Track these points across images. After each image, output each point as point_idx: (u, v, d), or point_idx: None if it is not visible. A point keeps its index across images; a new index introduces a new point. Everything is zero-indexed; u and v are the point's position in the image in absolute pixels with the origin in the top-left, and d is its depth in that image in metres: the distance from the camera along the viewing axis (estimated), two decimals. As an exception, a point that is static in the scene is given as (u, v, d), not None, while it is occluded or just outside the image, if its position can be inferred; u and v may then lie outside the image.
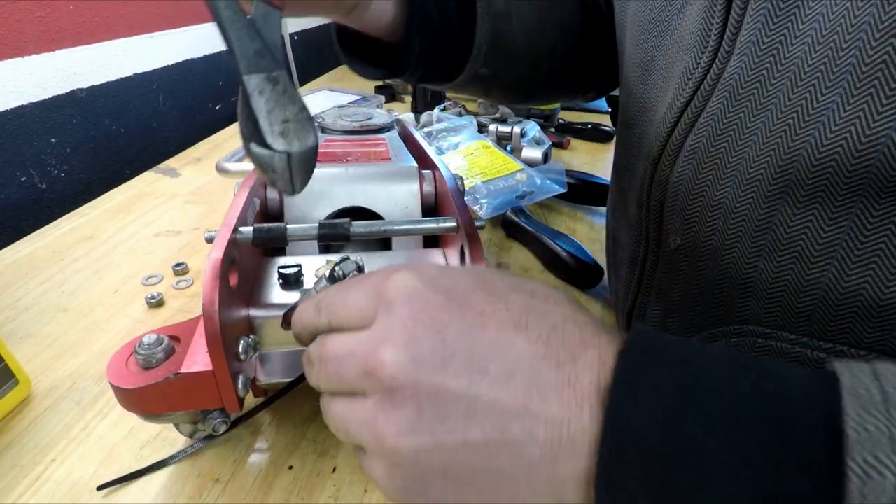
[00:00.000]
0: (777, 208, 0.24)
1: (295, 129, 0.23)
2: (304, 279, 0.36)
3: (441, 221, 0.35)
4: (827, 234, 0.22)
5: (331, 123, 0.56)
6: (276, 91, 0.22)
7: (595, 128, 0.97)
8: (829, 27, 0.21)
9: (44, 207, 0.70)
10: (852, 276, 0.22)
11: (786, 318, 0.25)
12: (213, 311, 0.27)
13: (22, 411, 0.38)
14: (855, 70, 0.20)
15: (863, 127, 0.20)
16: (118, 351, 0.32)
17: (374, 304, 0.20)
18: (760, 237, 0.25)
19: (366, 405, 0.19)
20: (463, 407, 0.18)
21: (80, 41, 0.73)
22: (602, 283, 0.55)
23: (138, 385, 0.29)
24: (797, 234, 0.23)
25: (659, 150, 0.29)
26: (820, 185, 0.22)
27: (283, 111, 0.23)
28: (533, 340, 0.18)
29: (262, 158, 0.23)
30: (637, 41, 0.33)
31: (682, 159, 0.28)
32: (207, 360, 0.29)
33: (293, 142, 0.23)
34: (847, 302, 0.22)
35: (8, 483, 0.33)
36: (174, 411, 0.31)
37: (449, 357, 0.18)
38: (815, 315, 0.23)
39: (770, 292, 0.25)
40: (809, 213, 0.23)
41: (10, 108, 0.65)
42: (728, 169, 0.26)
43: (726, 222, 0.26)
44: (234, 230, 0.31)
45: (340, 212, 0.42)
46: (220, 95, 1.05)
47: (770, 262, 0.24)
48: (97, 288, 0.52)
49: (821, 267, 0.23)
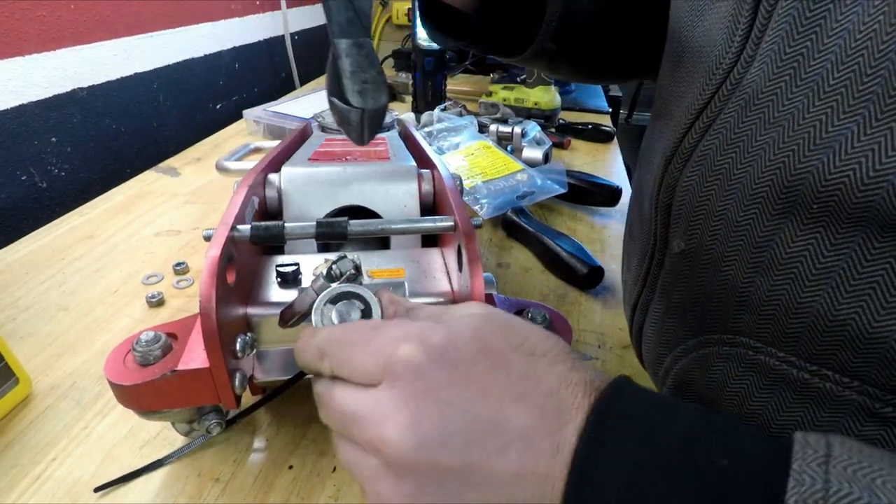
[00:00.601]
0: (779, 227, 0.23)
1: (372, 89, 0.26)
2: (301, 277, 0.36)
3: (438, 221, 0.35)
4: (826, 259, 0.22)
5: (331, 122, 0.56)
6: (360, 55, 0.26)
7: (595, 128, 0.97)
8: (854, 46, 0.20)
9: (44, 207, 0.70)
10: (844, 304, 0.22)
11: (776, 335, 0.25)
12: (210, 308, 0.27)
13: (22, 411, 0.38)
14: (879, 100, 0.19)
15: (874, 161, 0.19)
16: (116, 348, 0.32)
17: (380, 371, 0.22)
18: (759, 253, 0.24)
19: (370, 463, 0.21)
20: (460, 478, 0.19)
21: (80, 40, 0.73)
22: (602, 283, 0.55)
23: (135, 382, 0.29)
24: (796, 256, 0.23)
25: (672, 150, 0.29)
26: (825, 210, 0.21)
27: (364, 73, 0.26)
28: (529, 411, 0.20)
29: (341, 112, 0.27)
30: (674, 27, 0.32)
31: (693, 164, 0.28)
32: (204, 357, 0.29)
33: (368, 100, 0.26)
34: (836, 329, 0.22)
35: (8, 482, 0.33)
36: (171, 408, 0.32)
37: (450, 436, 0.20)
38: (803, 337, 0.23)
39: (763, 309, 0.25)
40: (811, 236, 0.22)
41: (11, 108, 0.65)
42: (734, 180, 0.25)
43: (727, 234, 0.26)
44: (231, 228, 0.31)
45: (339, 211, 0.42)
46: (220, 95, 1.05)
47: (766, 280, 0.24)
48: (97, 287, 0.52)
49: (815, 291, 0.23)
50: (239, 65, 1.10)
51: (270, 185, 0.42)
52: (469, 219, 0.34)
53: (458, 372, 0.21)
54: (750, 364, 0.26)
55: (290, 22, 1.24)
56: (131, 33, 0.82)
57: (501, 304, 0.38)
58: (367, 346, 0.23)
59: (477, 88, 1.17)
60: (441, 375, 0.21)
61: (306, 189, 0.42)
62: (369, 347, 0.22)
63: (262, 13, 1.16)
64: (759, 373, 0.26)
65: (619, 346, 0.48)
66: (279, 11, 1.21)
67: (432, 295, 0.36)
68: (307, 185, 0.42)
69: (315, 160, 0.46)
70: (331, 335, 0.24)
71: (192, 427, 0.34)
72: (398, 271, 0.37)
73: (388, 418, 0.20)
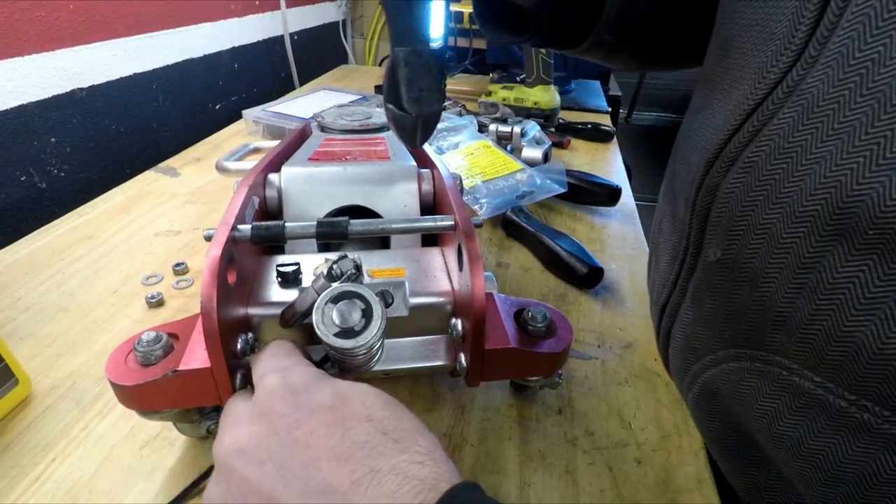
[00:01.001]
0: (828, 249, 0.21)
1: (426, 97, 0.27)
2: (302, 277, 0.36)
3: (439, 220, 0.35)
4: (877, 289, 0.20)
5: (330, 122, 0.56)
6: (417, 63, 0.27)
7: (595, 128, 0.97)
8: None
9: (44, 207, 0.70)
10: (893, 337, 0.20)
11: (814, 360, 0.23)
12: (212, 307, 0.27)
13: (22, 411, 0.38)
14: None
15: None
16: (117, 348, 0.32)
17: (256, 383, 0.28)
18: (803, 275, 0.23)
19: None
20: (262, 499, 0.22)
21: (79, 40, 0.73)
22: (602, 283, 0.55)
23: (136, 382, 0.29)
24: (844, 282, 0.21)
25: (715, 153, 0.27)
26: (882, 238, 0.19)
27: (420, 81, 0.27)
28: (341, 473, 0.21)
29: (396, 117, 0.28)
30: (724, 12, 0.30)
31: (737, 170, 0.25)
32: (206, 357, 0.29)
33: (423, 107, 0.27)
34: (881, 361, 0.21)
35: (8, 483, 0.33)
36: (173, 408, 0.32)
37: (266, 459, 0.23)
38: (844, 365, 0.22)
39: (802, 332, 0.23)
40: (863, 262, 0.20)
41: (10, 108, 0.64)
42: (782, 193, 0.23)
43: (769, 250, 0.24)
44: (232, 228, 0.31)
45: (339, 210, 0.43)
46: (220, 95, 1.05)
47: (808, 303, 0.23)
48: (97, 288, 0.52)
49: (861, 320, 0.21)
50: (238, 65, 1.10)
51: (270, 185, 0.42)
52: (469, 218, 0.34)
53: (300, 412, 0.24)
54: (783, 384, 0.25)
55: (289, 22, 1.24)
56: (131, 34, 0.82)
57: (502, 303, 0.38)
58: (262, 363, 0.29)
59: (476, 88, 1.17)
60: (283, 408, 0.24)
61: (306, 189, 0.42)
62: (259, 367, 0.29)
63: (262, 13, 1.16)
64: (792, 394, 0.24)
65: (619, 346, 0.48)
66: (279, 11, 1.21)
67: (433, 294, 0.36)
68: (307, 185, 0.43)
69: (315, 160, 0.46)
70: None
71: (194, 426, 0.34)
72: (398, 271, 0.38)
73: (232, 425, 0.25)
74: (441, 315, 0.36)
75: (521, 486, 0.35)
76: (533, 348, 0.34)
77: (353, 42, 1.65)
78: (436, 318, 0.36)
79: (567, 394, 0.42)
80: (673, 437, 0.39)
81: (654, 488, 0.35)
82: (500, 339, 0.34)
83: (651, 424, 0.40)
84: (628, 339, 0.49)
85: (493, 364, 0.34)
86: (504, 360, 0.34)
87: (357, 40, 1.66)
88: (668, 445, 0.38)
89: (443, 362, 0.36)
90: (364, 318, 0.27)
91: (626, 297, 0.54)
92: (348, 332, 0.27)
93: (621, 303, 0.54)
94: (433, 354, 0.36)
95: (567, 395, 0.42)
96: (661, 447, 0.38)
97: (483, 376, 0.34)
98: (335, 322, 0.27)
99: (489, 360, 0.33)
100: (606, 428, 0.39)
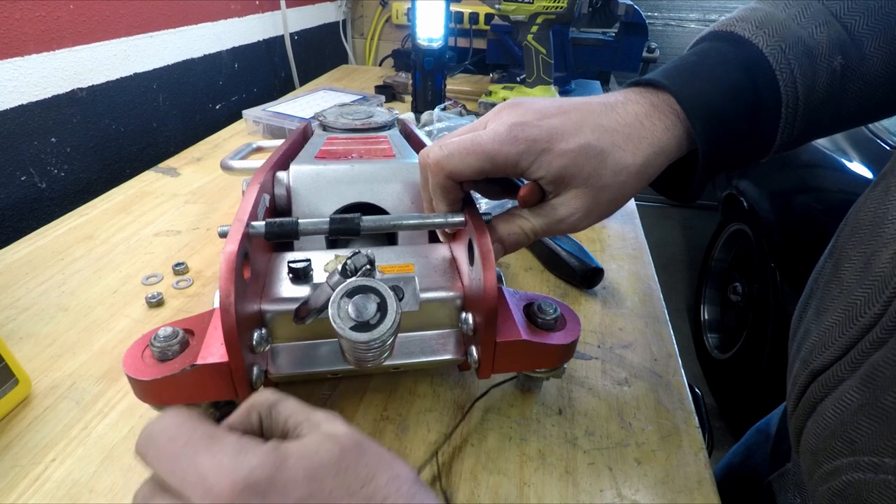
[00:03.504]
0: None
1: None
2: (313, 273, 0.36)
3: (449, 216, 0.35)
4: None
5: (332, 122, 0.56)
6: None
7: (595, 127, 0.97)
8: None
9: (44, 207, 0.70)
10: None
11: None
12: (230, 303, 0.27)
13: (22, 411, 0.38)
14: None
15: None
16: (132, 345, 0.32)
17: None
18: None
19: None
20: None
21: (80, 41, 0.73)
22: (602, 283, 0.55)
23: (155, 377, 0.30)
24: None
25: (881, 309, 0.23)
26: None
27: None
28: None
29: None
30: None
31: None
32: (223, 351, 0.29)
33: None
34: None
35: (8, 483, 0.33)
36: (189, 403, 0.32)
37: None
38: None
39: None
40: None
41: (10, 108, 0.64)
42: None
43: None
44: (246, 225, 0.32)
45: (346, 208, 0.43)
46: (220, 95, 1.05)
47: None
48: (97, 288, 0.52)
49: None
50: (238, 65, 1.10)
51: (279, 183, 0.43)
52: (479, 213, 0.34)
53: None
54: None
55: (289, 22, 1.24)
56: (131, 34, 0.82)
57: (511, 296, 0.38)
58: (193, 461, 0.19)
59: (476, 88, 1.17)
60: None
61: (315, 186, 0.43)
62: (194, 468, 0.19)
63: (262, 13, 1.16)
64: None
65: (619, 346, 0.48)
66: (279, 11, 1.21)
67: (442, 289, 0.36)
68: (316, 183, 0.43)
69: (322, 158, 0.46)
70: (158, 439, 0.20)
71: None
72: (408, 266, 0.38)
73: None
74: (450, 309, 0.36)
75: (521, 486, 0.35)
76: (543, 340, 0.35)
77: (353, 42, 1.65)
78: (445, 312, 0.36)
79: (567, 394, 0.42)
80: (673, 437, 0.39)
81: (654, 488, 0.35)
82: (511, 331, 0.34)
83: (651, 424, 0.40)
84: (628, 339, 0.49)
85: (504, 356, 0.34)
86: (515, 352, 0.34)
87: (357, 40, 1.66)
88: (668, 445, 0.38)
89: (452, 356, 0.36)
90: (379, 312, 0.28)
91: (626, 297, 0.54)
92: (364, 326, 0.27)
93: (621, 303, 0.54)
94: (443, 348, 0.37)
95: (567, 395, 0.42)
96: (661, 447, 0.38)
97: (494, 368, 0.35)
98: (351, 316, 0.27)
99: (501, 352, 0.34)
100: (606, 428, 0.39)
